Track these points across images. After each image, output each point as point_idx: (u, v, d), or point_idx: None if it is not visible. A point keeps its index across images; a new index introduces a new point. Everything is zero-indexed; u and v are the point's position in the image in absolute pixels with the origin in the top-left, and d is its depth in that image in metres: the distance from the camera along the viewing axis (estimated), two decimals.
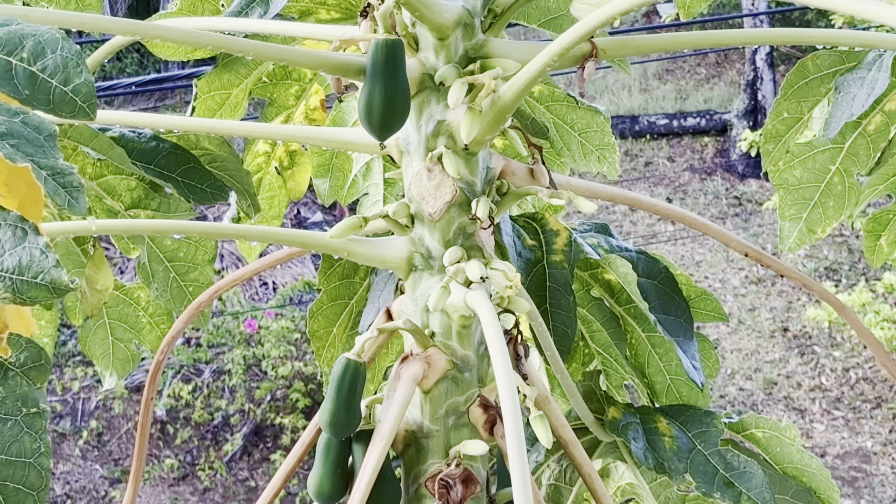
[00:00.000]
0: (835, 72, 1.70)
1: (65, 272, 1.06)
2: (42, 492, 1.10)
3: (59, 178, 1.08)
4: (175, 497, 10.30)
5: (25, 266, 1.06)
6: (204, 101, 1.92)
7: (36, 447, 1.10)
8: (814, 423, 10.79)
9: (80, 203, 1.08)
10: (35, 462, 1.10)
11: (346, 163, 2.06)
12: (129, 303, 2.16)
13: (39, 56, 1.13)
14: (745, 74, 15.65)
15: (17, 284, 1.06)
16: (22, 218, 1.08)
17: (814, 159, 1.77)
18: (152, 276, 1.98)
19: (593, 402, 1.77)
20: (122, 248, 2.04)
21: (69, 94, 1.12)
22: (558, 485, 1.79)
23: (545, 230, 1.74)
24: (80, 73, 1.12)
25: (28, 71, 1.12)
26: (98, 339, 2.17)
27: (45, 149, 1.09)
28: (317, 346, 1.82)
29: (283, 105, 2.02)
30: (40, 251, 1.06)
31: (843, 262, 12.89)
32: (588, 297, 1.87)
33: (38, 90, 1.12)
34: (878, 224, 1.87)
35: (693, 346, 1.76)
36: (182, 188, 1.78)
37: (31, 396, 1.11)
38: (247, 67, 1.92)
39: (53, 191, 1.07)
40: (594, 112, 1.94)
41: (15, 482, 1.09)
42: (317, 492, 1.51)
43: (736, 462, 1.64)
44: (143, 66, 16.96)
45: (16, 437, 1.10)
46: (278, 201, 2.14)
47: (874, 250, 1.88)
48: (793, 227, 1.80)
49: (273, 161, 2.10)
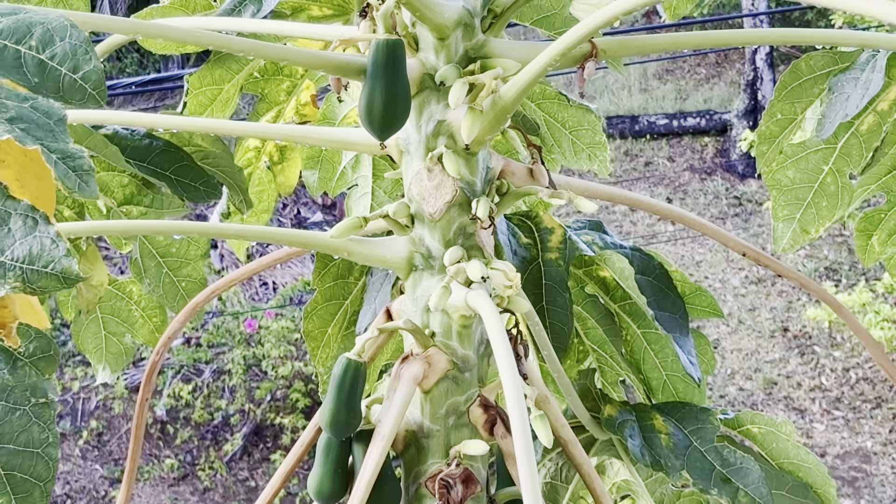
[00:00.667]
0: (828, 72, 1.71)
1: (75, 262, 1.06)
2: (49, 483, 1.09)
3: (70, 162, 1.08)
4: (175, 497, 10.30)
5: (36, 255, 1.05)
6: (195, 97, 1.92)
7: (44, 437, 1.09)
8: (814, 423, 10.79)
9: (90, 186, 1.07)
10: (43, 452, 1.09)
11: (335, 155, 2.07)
12: (122, 297, 2.16)
13: (48, 44, 1.13)
14: (745, 74, 15.65)
15: (28, 274, 1.05)
16: (33, 207, 1.07)
17: (807, 160, 1.77)
18: (144, 272, 1.98)
19: (589, 400, 1.78)
20: (115, 243, 2.04)
21: (79, 81, 1.12)
22: (554, 483, 1.79)
23: (540, 228, 1.74)
24: (90, 61, 1.12)
25: (37, 59, 1.12)
26: (91, 334, 2.17)
27: (55, 133, 1.09)
28: (311, 346, 1.82)
29: (274, 100, 2.02)
30: (51, 240, 1.05)
31: (842, 262, 12.89)
32: (582, 295, 1.87)
33: (47, 78, 1.12)
34: (869, 223, 1.87)
35: (689, 341, 1.76)
36: (175, 186, 1.78)
37: (39, 387, 1.11)
38: (238, 63, 1.93)
39: (64, 174, 1.06)
40: (585, 110, 1.94)
41: (22, 472, 1.09)
42: (317, 491, 1.51)
43: (732, 458, 1.64)
44: (143, 66, 16.96)
45: (24, 427, 1.09)
46: (268, 196, 2.14)
47: (866, 249, 1.88)
48: (786, 227, 1.81)
49: (263, 156, 2.11)
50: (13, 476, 1.09)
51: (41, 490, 1.09)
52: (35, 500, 1.09)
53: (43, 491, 1.09)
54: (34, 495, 1.09)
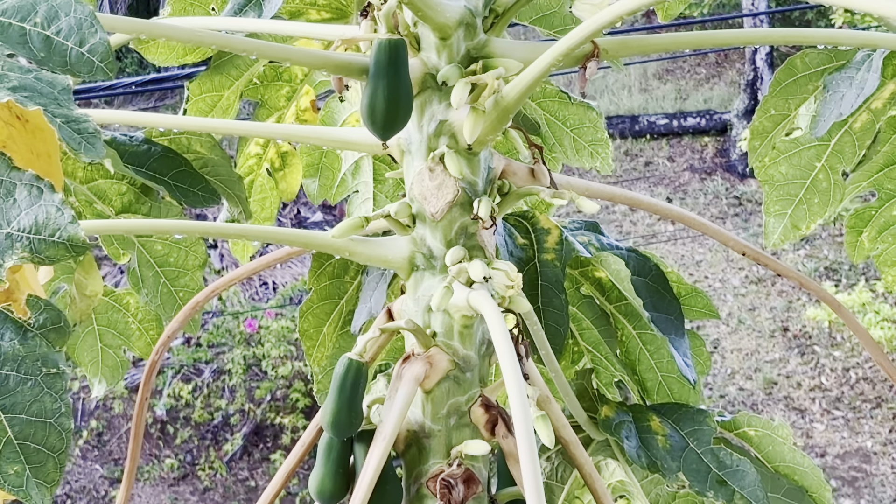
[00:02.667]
0: (823, 70, 1.71)
1: (81, 229, 1.05)
2: (63, 454, 1.08)
3: (74, 125, 1.08)
4: (175, 497, 10.30)
5: (42, 224, 1.05)
6: (195, 104, 1.92)
7: (56, 407, 1.09)
8: (814, 423, 10.79)
9: (96, 148, 1.07)
10: (56, 423, 1.09)
11: (334, 162, 2.06)
12: (119, 309, 2.13)
13: (53, 20, 1.13)
14: (745, 74, 15.65)
15: (35, 243, 1.05)
16: (37, 177, 1.07)
17: (799, 156, 1.78)
18: (142, 282, 1.96)
19: (586, 401, 1.78)
20: (112, 253, 2.01)
21: (85, 54, 1.12)
22: (550, 483, 1.79)
23: (536, 229, 1.74)
24: (95, 33, 1.13)
25: (42, 35, 1.13)
26: (87, 346, 2.14)
27: (58, 100, 1.09)
28: (307, 345, 1.82)
29: (274, 106, 2.02)
30: (56, 208, 1.05)
31: (842, 262, 12.89)
32: (578, 295, 1.87)
33: (53, 52, 1.12)
34: (859, 220, 1.87)
35: (685, 343, 1.76)
36: (174, 191, 1.78)
37: (51, 357, 1.10)
38: (238, 69, 1.92)
39: (68, 136, 1.06)
40: (586, 108, 1.94)
41: (36, 442, 1.08)
42: (318, 492, 1.51)
43: (729, 460, 1.64)
44: (143, 66, 16.96)
45: (36, 398, 1.08)
46: (270, 203, 2.13)
47: (855, 246, 1.89)
48: (777, 222, 1.81)
49: (265, 163, 2.10)
50: (27, 446, 1.08)
51: (55, 461, 1.08)
52: (48, 470, 1.08)
53: (56, 462, 1.08)
54: (48, 466, 1.08)
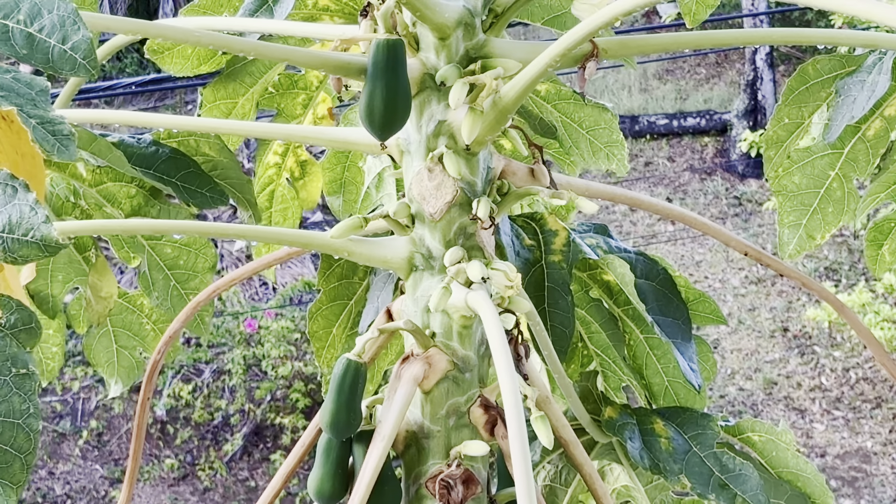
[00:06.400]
0: (835, 76, 1.70)
1: (55, 228, 1.04)
2: (30, 455, 1.07)
3: (49, 127, 1.07)
4: (175, 497, 10.30)
5: (16, 223, 1.04)
6: (210, 111, 1.91)
7: (25, 408, 1.08)
8: (814, 423, 10.79)
9: (69, 150, 1.06)
10: (24, 423, 1.08)
11: (357, 176, 2.06)
12: (133, 310, 2.15)
13: (36, 17, 1.12)
14: (745, 74, 15.64)
15: (8, 243, 1.04)
16: (12, 175, 1.06)
17: (813, 165, 1.76)
18: (153, 285, 1.97)
19: (590, 403, 1.77)
20: (123, 256, 2.02)
21: (68, 51, 1.12)
22: (553, 486, 1.79)
23: (544, 230, 1.74)
24: (78, 31, 1.12)
25: (25, 32, 1.12)
26: (102, 347, 2.16)
27: (35, 101, 1.08)
28: (316, 346, 1.82)
29: (291, 114, 2.01)
30: (30, 207, 1.04)
31: (843, 262, 12.88)
32: (587, 299, 1.87)
33: (35, 49, 1.12)
34: (879, 233, 1.85)
35: (691, 348, 1.76)
36: (182, 192, 1.78)
37: (20, 358, 1.09)
38: (252, 76, 1.91)
39: (42, 137, 1.06)
40: (601, 109, 1.93)
41: (3, 443, 1.07)
42: (317, 492, 1.51)
43: (731, 464, 1.64)
44: (143, 66, 16.95)
45: (4, 398, 1.07)
46: (292, 213, 2.12)
47: (876, 259, 1.86)
48: (792, 233, 1.80)
49: (284, 172, 2.09)
50: None
51: (21, 462, 1.07)
52: (15, 471, 1.07)
53: (23, 463, 1.07)
54: (14, 467, 1.07)
